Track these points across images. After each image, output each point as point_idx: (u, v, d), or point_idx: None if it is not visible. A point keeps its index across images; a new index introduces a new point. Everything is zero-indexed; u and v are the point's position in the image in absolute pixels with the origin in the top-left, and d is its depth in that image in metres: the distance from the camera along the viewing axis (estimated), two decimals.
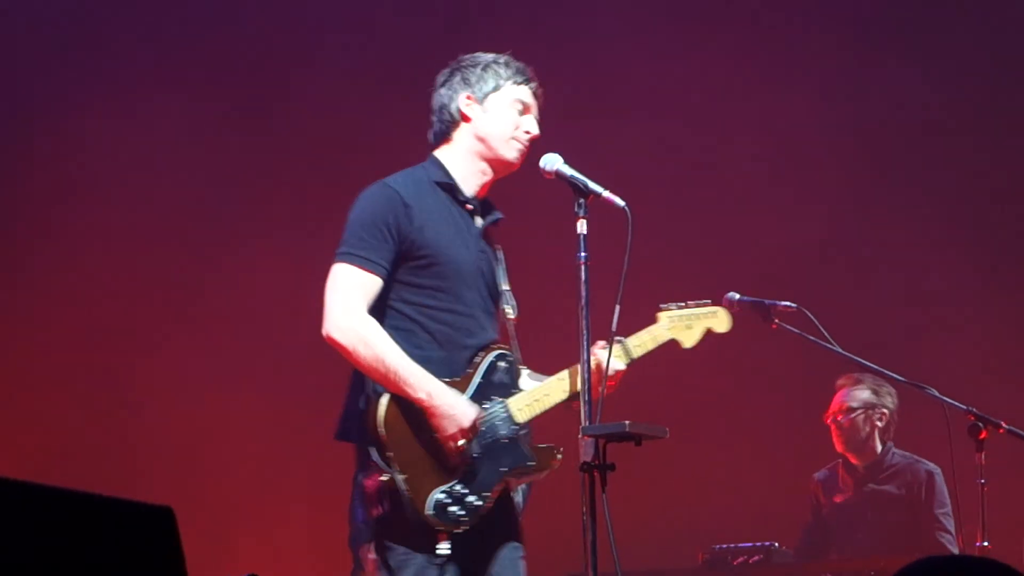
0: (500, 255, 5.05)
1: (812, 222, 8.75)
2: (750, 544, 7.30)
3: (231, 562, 8.18)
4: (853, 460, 7.69)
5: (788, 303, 5.52)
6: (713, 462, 8.57)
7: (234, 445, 8.35)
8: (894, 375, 5.81)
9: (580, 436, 4.51)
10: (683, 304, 5.15)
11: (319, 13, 8.64)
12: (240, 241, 8.44)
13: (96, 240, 8.38)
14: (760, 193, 8.77)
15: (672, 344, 5.10)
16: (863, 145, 8.88)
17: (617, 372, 4.90)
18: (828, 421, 7.70)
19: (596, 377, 4.78)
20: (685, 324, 5.12)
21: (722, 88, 8.79)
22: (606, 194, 4.70)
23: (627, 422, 4.51)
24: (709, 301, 5.21)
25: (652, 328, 5.06)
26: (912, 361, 7.26)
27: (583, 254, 4.66)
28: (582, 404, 4.58)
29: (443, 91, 4.99)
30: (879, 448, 7.66)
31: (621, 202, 4.68)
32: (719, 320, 5.19)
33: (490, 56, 5.01)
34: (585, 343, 4.60)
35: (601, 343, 4.86)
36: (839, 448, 7.70)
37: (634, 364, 4.99)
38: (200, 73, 8.45)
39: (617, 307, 4.63)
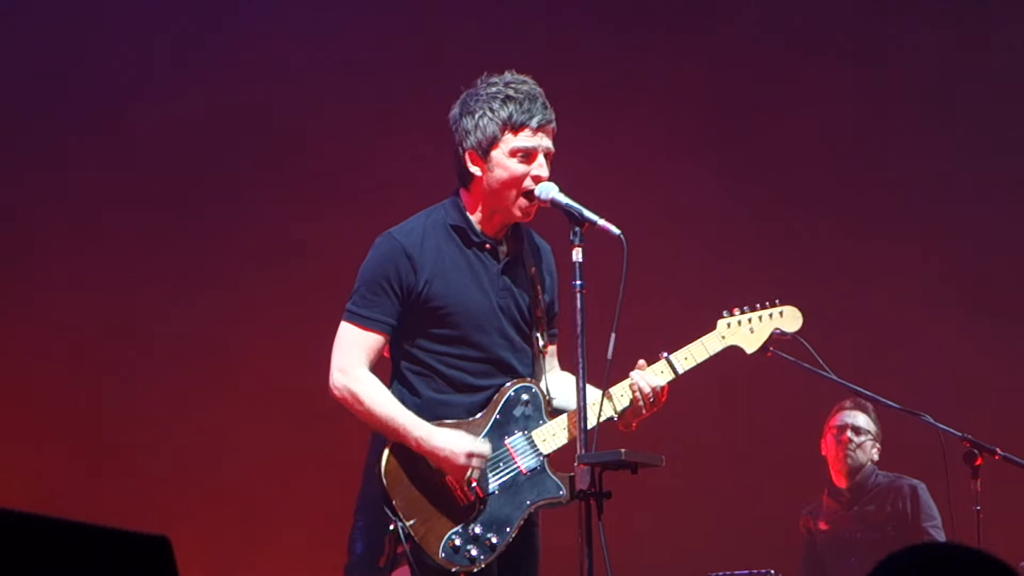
0: (538, 280, 4.98)
1: (807, 249, 8.77)
2: (747, 572, 7.30)
3: None
4: (840, 483, 7.72)
5: (784, 331, 5.51)
6: (709, 490, 8.56)
7: (232, 471, 8.33)
8: (889, 402, 5.82)
9: (576, 464, 4.51)
10: (746, 308, 5.07)
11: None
12: (245, 263, 8.45)
13: (97, 259, 8.37)
14: (756, 221, 8.79)
15: (733, 352, 5.01)
16: (857, 170, 8.92)
17: (655, 389, 4.84)
18: (830, 433, 7.71)
19: (636, 399, 4.81)
20: (747, 328, 5.05)
21: (717, 115, 8.82)
22: (601, 222, 4.69)
23: (623, 450, 4.51)
24: (777, 301, 5.11)
25: (704, 338, 4.99)
26: (907, 388, 7.27)
27: (578, 282, 4.65)
28: (578, 432, 4.57)
29: (455, 134, 4.92)
30: (865, 471, 7.70)
31: (616, 230, 4.68)
32: (787, 319, 5.11)
33: (489, 91, 4.87)
34: (581, 371, 4.59)
35: (641, 361, 4.88)
36: (835, 465, 7.70)
37: (681, 378, 4.90)
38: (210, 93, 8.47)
39: (612, 335, 4.63)
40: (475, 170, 4.88)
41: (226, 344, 8.37)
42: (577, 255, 4.67)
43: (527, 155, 4.84)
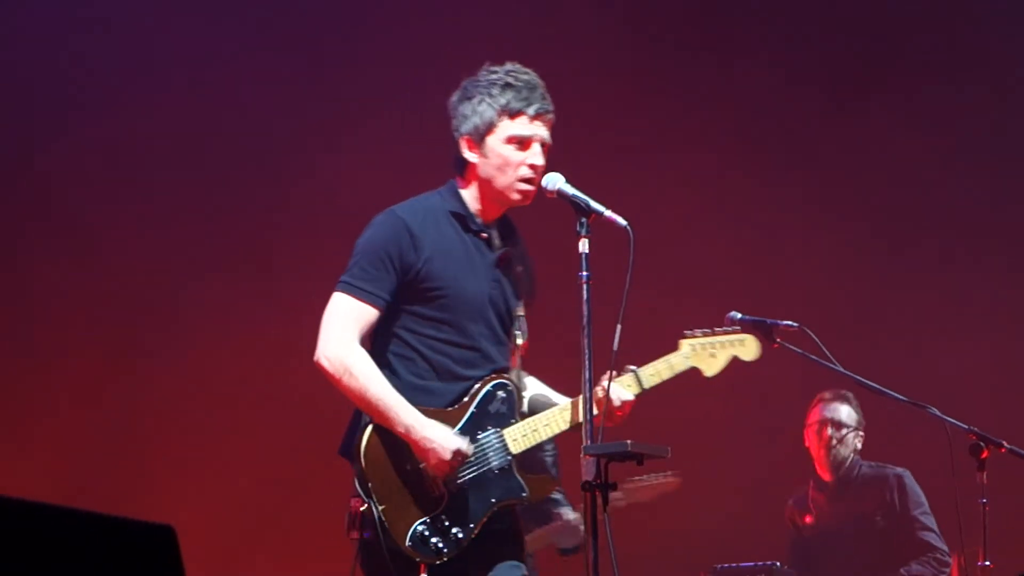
0: (523, 278, 4.98)
1: (814, 242, 8.78)
2: (752, 564, 7.31)
3: None
4: (825, 476, 7.76)
5: (790, 322, 5.50)
6: (715, 481, 8.57)
7: (237, 461, 8.35)
8: (895, 394, 5.81)
9: (582, 455, 4.50)
10: (708, 331, 5.09)
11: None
12: (247, 258, 8.46)
13: (105, 255, 8.39)
14: (763, 213, 8.80)
15: (693, 372, 5.03)
16: (862, 163, 8.92)
17: (624, 403, 4.86)
18: (811, 427, 7.76)
19: (600, 408, 4.77)
20: (709, 352, 5.06)
21: (725, 109, 8.83)
22: (608, 213, 4.67)
23: (629, 441, 4.50)
24: (738, 328, 5.14)
25: (670, 356, 4.99)
26: (913, 380, 7.27)
27: (585, 273, 4.63)
28: (584, 423, 4.56)
29: (453, 121, 4.91)
30: (851, 461, 7.72)
31: (623, 221, 4.66)
32: (747, 348, 5.14)
33: (490, 77, 4.86)
34: (587, 362, 4.58)
35: (612, 372, 4.84)
36: (819, 458, 7.74)
37: (646, 394, 4.92)
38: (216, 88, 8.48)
39: (619, 326, 4.62)
40: (471, 156, 4.87)
41: (228, 336, 8.38)
42: (583, 246, 4.65)
43: (522, 143, 4.83)
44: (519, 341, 4.96)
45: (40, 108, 8.39)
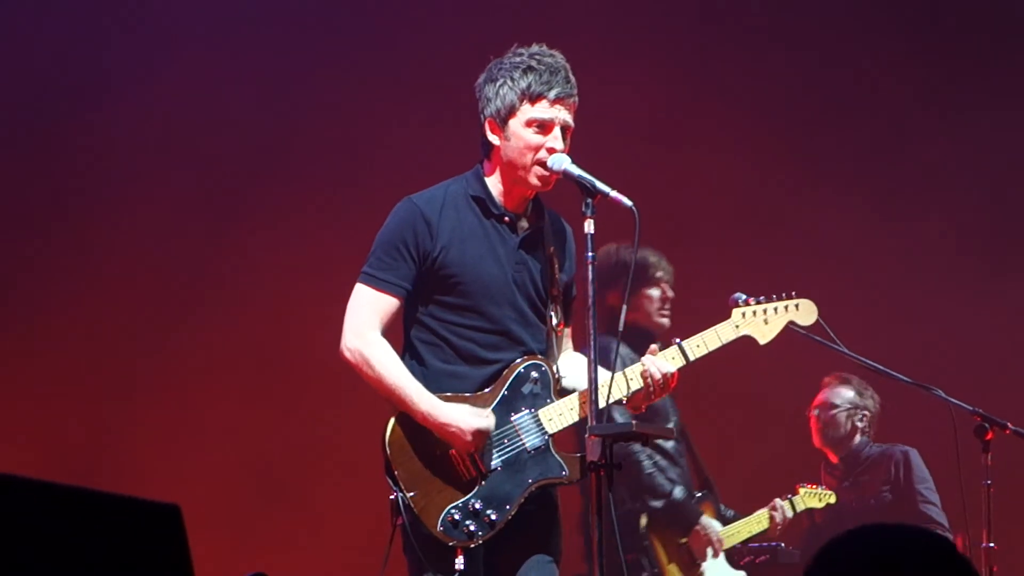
0: (555, 260, 4.95)
1: (821, 222, 8.76)
2: (756, 544, 7.32)
3: (238, 561, 8.18)
4: (831, 457, 7.84)
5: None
6: (720, 461, 8.56)
7: (243, 443, 8.35)
8: (900, 376, 5.81)
9: (587, 436, 4.49)
10: (761, 297, 5.03)
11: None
12: (247, 241, 8.44)
13: (102, 240, 8.38)
14: (768, 194, 8.79)
15: (748, 340, 4.97)
16: (868, 146, 8.91)
17: (665, 376, 4.81)
18: (809, 414, 7.88)
19: (646, 384, 4.78)
20: (762, 319, 5.00)
21: (728, 93, 8.82)
22: (613, 194, 4.67)
23: (634, 421, 4.52)
24: (794, 293, 5.07)
25: (718, 326, 4.95)
26: (918, 362, 7.27)
27: (590, 254, 4.62)
28: (589, 404, 4.55)
29: (479, 103, 4.91)
30: (856, 442, 7.78)
31: (628, 202, 4.65)
32: (802, 312, 5.07)
33: (513, 60, 4.85)
34: (593, 342, 4.57)
35: (654, 347, 4.86)
36: (816, 442, 7.85)
37: (691, 365, 4.87)
38: (218, 73, 8.45)
39: (624, 307, 4.62)
40: (493, 139, 4.87)
41: (228, 334, 8.37)
42: (589, 227, 4.64)
43: (543, 126, 4.81)
44: (554, 322, 4.95)
45: (40, 108, 8.37)
